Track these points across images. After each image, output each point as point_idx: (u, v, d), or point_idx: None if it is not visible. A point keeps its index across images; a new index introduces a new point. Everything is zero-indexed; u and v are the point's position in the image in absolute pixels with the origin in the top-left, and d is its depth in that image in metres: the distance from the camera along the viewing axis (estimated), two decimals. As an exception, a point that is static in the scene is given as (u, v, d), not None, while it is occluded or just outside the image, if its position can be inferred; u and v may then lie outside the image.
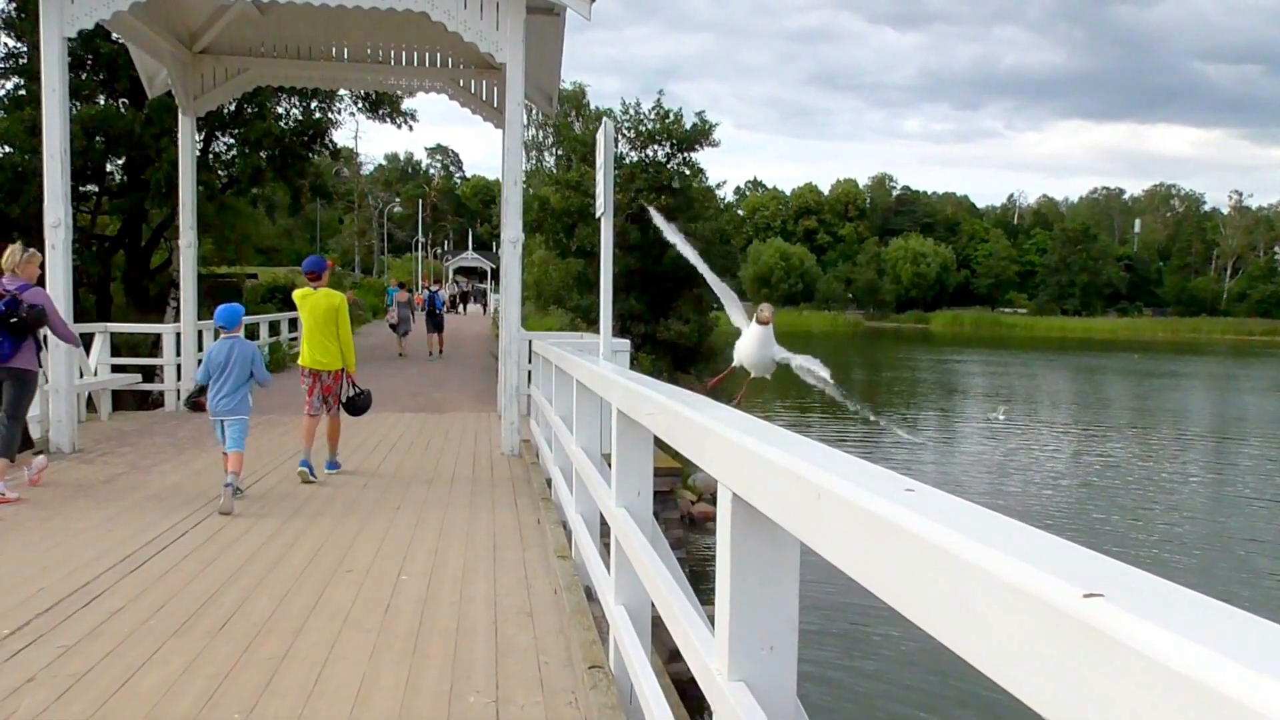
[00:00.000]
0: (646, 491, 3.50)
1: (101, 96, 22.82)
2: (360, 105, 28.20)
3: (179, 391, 11.84)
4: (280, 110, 27.01)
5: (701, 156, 25.46)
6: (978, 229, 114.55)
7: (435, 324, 22.44)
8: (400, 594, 4.64)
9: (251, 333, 17.20)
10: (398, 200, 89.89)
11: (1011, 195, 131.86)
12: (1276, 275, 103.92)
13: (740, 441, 1.88)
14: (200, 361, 8.28)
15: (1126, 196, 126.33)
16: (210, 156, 26.31)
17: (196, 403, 7.67)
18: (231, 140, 26.62)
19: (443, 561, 5.25)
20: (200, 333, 12.66)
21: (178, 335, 12.12)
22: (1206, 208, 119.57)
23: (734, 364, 3.90)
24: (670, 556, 3.37)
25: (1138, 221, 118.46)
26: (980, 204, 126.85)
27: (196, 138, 24.89)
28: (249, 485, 7.23)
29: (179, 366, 11.95)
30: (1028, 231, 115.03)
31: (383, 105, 28.14)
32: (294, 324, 19.89)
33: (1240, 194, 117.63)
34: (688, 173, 25.12)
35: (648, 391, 3.00)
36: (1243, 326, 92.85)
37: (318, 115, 27.32)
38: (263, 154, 25.90)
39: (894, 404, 33.54)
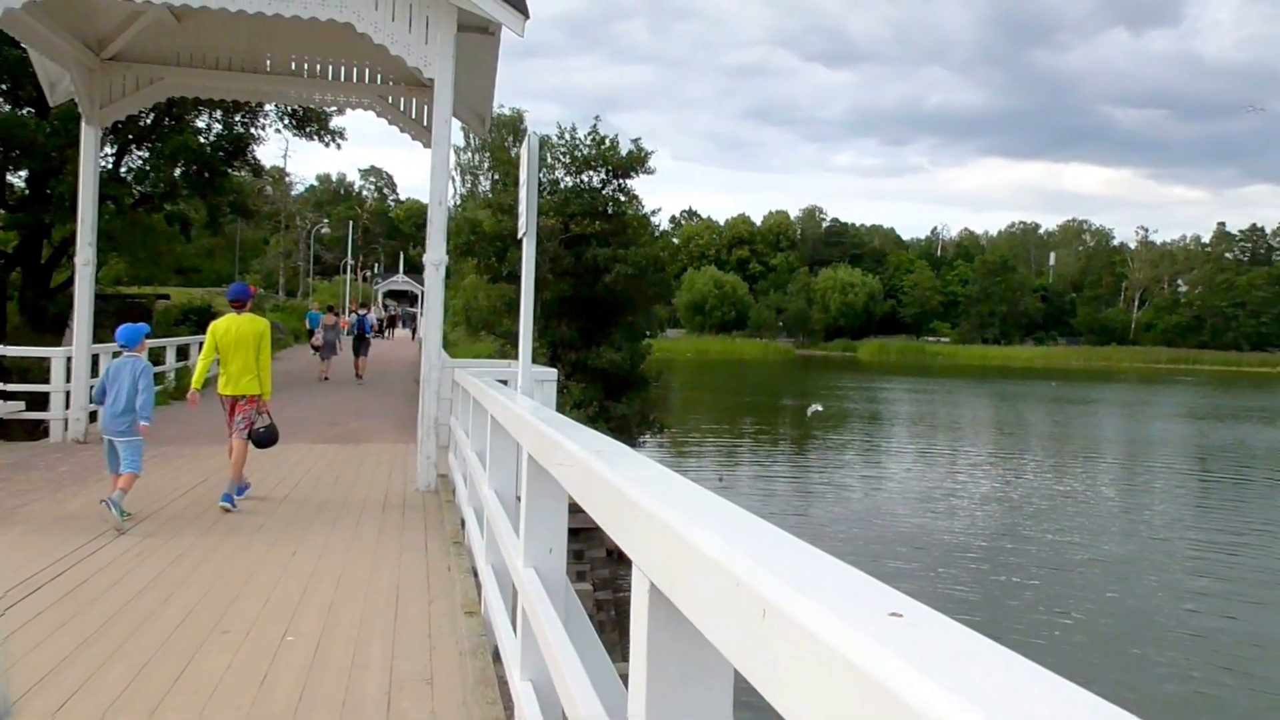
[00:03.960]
0: (560, 549, 3.04)
1: (5, 104, 21.59)
2: (286, 121, 27.33)
3: (67, 421, 10.97)
4: (200, 124, 26.00)
5: (637, 183, 25.20)
6: (903, 260, 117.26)
7: (361, 348, 21.72)
8: (282, 659, 4.07)
9: (157, 357, 16.24)
10: (326, 221, 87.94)
11: (935, 228, 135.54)
12: (1180, 307, 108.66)
13: (659, 515, 1.44)
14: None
15: (1042, 231, 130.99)
16: (124, 170, 25.13)
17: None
18: (147, 153, 25.48)
19: (336, 618, 4.69)
20: (96, 357, 11.81)
21: (68, 360, 11.25)
22: (1115, 242, 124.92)
23: None
24: (587, 630, 2.92)
25: (1053, 255, 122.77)
26: (906, 236, 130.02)
27: (108, 149, 23.90)
28: (134, 524, 6.57)
29: (67, 394, 11.07)
30: (950, 263, 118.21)
31: (310, 122, 27.32)
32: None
33: (1146, 230, 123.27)
34: (623, 199, 24.82)
35: (560, 438, 2.56)
36: (1150, 355, 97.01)
37: (240, 130, 26.36)
38: (179, 169, 24.82)
39: (824, 429, 33.61)
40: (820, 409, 36.86)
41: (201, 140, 25.57)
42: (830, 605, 0.93)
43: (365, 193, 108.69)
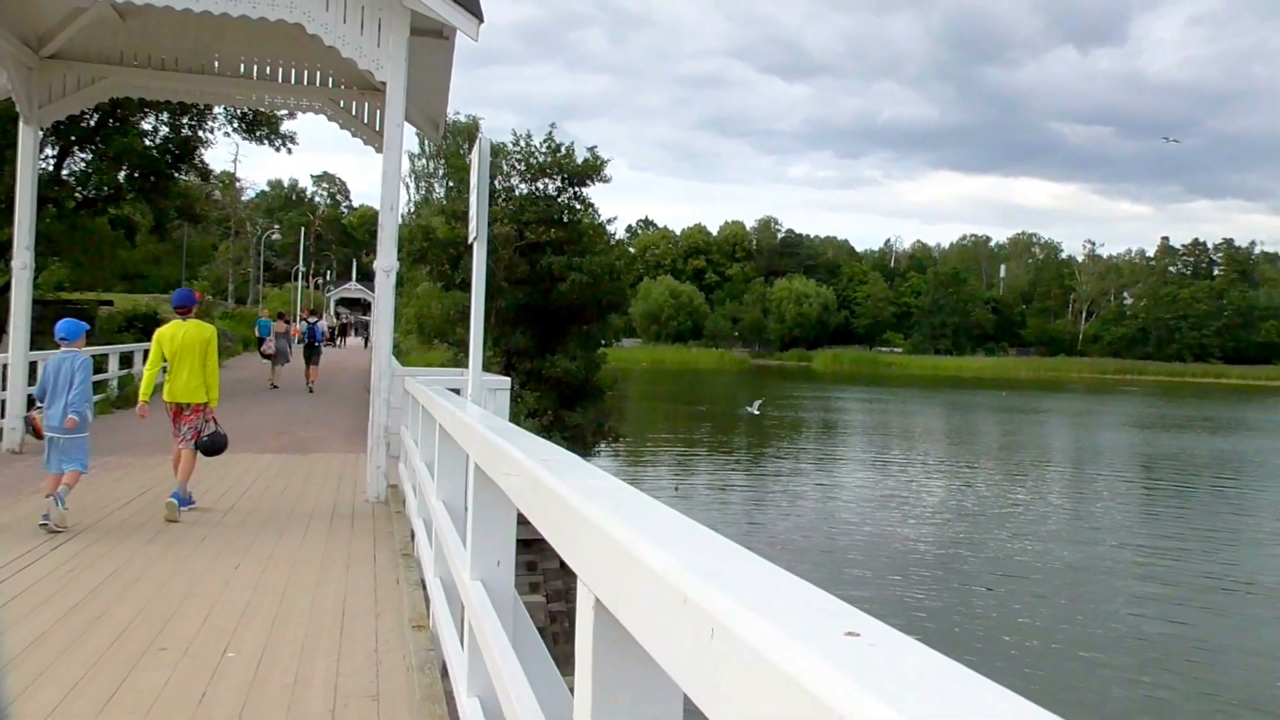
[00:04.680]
0: (508, 562, 2.97)
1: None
2: (236, 125, 26.85)
3: (2, 431, 10.61)
4: (147, 125, 25.42)
5: (593, 192, 25.12)
6: (857, 272, 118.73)
7: (312, 356, 21.37)
8: (222, 677, 3.93)
9: (100, 366, 15.79)
10: (278, 228, 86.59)
11: (888, 240, 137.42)
12: (1126, 319, 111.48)
13: (604, 527, 1.38)
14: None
15: (993, 243, 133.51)
16: (65, 172, 24.46)
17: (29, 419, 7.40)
18: (90, 155, 24.83)
19: (280, 633, 4.55)
20: (34, 364, 11.43)
21: (4, 367, 10.88)
22: (1064, 255, 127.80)
23: None
24: (536, 644, 2.85)
25: (1003, 267, 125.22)
26: (860, 248, 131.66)
27: (48, 151, 23.22)
28: (71, 536, 6.34)
29: (3, 403, 10.71)
30: (903, 275, 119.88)
31: (260, 126, 26.86)
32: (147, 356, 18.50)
33: (1093, 243, 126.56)
34: (579, 207, 24.74)
35: (506, 446, 2.48)
36: (1098, 366, 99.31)
37: (187, 133, 25.83)
38: (123, 172, 24.25)
39: (779, 438, 33.79)
40: (756, 410, 37.49)
41: (147, 143, 25.02)
42: (782, 624, 0.88)
43: (318, 199, 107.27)
